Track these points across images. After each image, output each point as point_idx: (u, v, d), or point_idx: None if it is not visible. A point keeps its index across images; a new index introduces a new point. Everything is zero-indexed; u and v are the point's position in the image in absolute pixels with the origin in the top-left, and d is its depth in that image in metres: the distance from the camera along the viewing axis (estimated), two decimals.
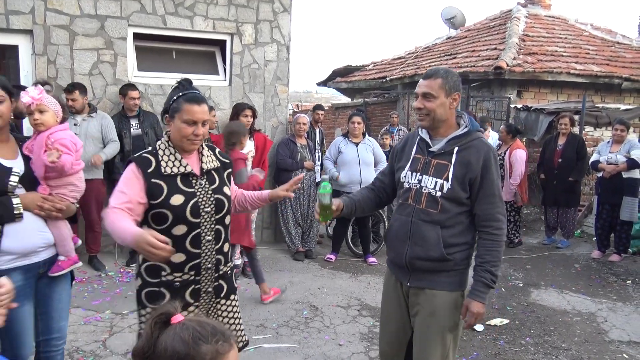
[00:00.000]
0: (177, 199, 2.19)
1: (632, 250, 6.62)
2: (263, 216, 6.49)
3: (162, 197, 2.17)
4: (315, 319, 4.42)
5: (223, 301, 2.40)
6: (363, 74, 14.34)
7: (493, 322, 4.49)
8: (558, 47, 10.37)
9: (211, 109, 5.45)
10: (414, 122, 11.39)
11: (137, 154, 2.26)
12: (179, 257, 2.21)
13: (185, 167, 2.25)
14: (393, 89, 13.03)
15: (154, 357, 1.26)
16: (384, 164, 5.98)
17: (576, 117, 7.60)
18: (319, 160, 6.74)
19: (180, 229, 2.20)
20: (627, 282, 5.69)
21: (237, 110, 5.41)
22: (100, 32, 5.60)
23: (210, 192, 2.29)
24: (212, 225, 2.27)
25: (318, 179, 6.89)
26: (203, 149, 2.35)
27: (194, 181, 2.27)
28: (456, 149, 2.41)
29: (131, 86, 5.48)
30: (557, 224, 7.04)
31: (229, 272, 2.42)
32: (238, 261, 5.45)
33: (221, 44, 6.35)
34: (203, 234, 2.24)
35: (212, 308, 2.37)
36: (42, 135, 2.40)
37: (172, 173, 2.22)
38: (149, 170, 2.19)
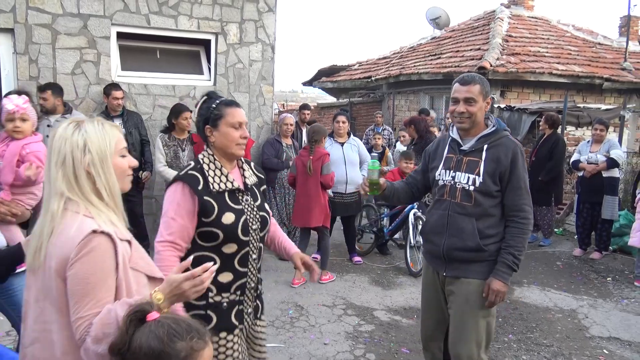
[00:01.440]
0: (228, 218, 2.09)
1: (613, 247, 6.74)
2: None
3: (214, 216, 2.07)
4: (301, 319, 4.43)
5: (258, 322, 2.34)
6: (348, 73, 14.38)
7: None
8: (540, 48, 10.49)
9: (188, 110, 5.42)
10: (398, 121, 11.46)
11: (183, 172, 2.13)
12: (226, 277, 2.12)
13: (232, 182, 2.16)
14: (378, 89, 13.09)
15: (128, 354, 1.27)
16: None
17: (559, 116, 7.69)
18: None
19: (230, 248, 2.12)
20: (608, 279, 5.79)
21: None
22: (83, 31, 5.55)
23: (255, 208, 2.22)
24: (257, 243, 2.21)
25: None
26: (243, 163, 2.29)
27: (240, 197, 2.18)
28: (486, 146, 2.62)
29: (115, 86, 5.44)
30: (537, 223, 7.13)
31: (262, 291, 2.38)
32: None
33: (206, 44, 6.33)
34: (250, 252, 2.17)
35: (251, 330, 2.29)
36: (17, 143, 2.42)
37: (221, 190, 2.12)
38: (200, 188, 2.08)
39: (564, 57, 10.30)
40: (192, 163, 2.19)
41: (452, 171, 2.68)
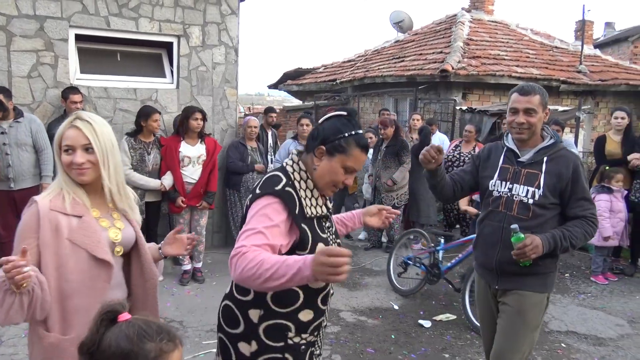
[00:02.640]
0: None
1: None
2: (213, 220, 6.43)
3: (309, 247, 1.79)
4: None
5: None
6: (314, 76, 14.43)
7: (440, 317, 4.63)
8: (500, 51, 10.75)
9: (157, 112, 5.37)
10: (364, 123, 11.55)
11: (279, 187, 1.79)
12: (307, 315, 1.87)
13: (321, 207, 1.89)
14: (343, 92, 13.17)
15: (97, 353, 1.27)
16: None
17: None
18: (271, 164, 6.74)
19: (318, 283, 1.83)
20: (566, 275, 5.97)
21: (187, 113, 5.35)
22: (39, 33, 5.41)
23: (334, 236, 1.98)
24: None
25: None
26: None
27: (324, 224, 1.92)
28: (545, 158, 2.56)
29: (73, 89, 5.31)
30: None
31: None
32: (187, 266, 5.39)
33: (168, 46, 6.26)
34: (331, 288, 1.96)
35: None
36: None
37: (313, 215, 1.85)
38: (297, 212, 1.78)
39: (523, 60, 10.58)
40: (279, 174, 1.84)
41: (508, 183, 2.62)
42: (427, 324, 4.48)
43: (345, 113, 1.89)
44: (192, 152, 5.31)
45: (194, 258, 5.47)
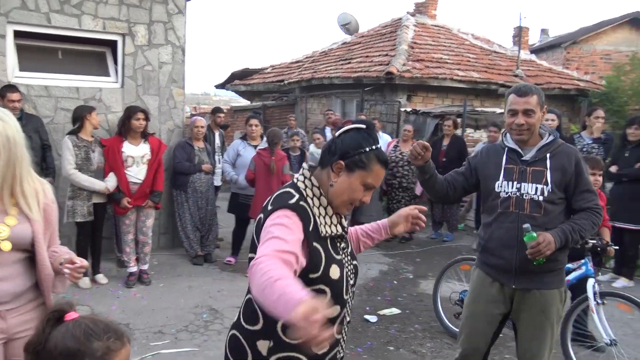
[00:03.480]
0: (334, 271, 1.67)
1: None
2: (160, 221, 6.35)
3: (322, 269, 1.65)
4: (216, 322, 4.44)
5: None
6: (262, 76, 14.44)
7: (385, 312, 4.78)
8: (443, 55, 11.12)
9: (93, 109, 5.25)
10: (311, 124, 11.67)
11: (293, 202, 1.65)
12: (322, 347, 1.68)
13: (336, 225, 1.74)
14: (291, 92, 13.25)
15: (44, 353, 1.28)
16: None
17: (459, 120, 8.22)
18: (219, 164, 6.72)
19: (333, 311, 1.69)
20: None
21: (129, 113, 5.27)
22: None
23: (349, 257, 1.81)
24: (351, 302, 1.81)
25: (218, 183, 6.88)
26: None
27: (338, 244, 1.77)
28: (548, 155, 2.61)
29: (11, 87, 5.13)
30: (442, 219, 7.59)
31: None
32: (133, 268, 5.32)
33: (112, 45, 6.14)
34: (346, 315, 1.78)
35: None
36: None
37: (328, 234, 1.70)
38: (310, 229, 1.64)
39: (464, 64, 10.99)
40: (290, 190, 1.71)
41: (516, 182, 2.63)
42: (372, 319, 4.62)
43: (364, 126, 1.75)
44: (136, 152, 5.25)
45: (139, 260, 5.40)
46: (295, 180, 1.77)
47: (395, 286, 5.49)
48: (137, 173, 5.25)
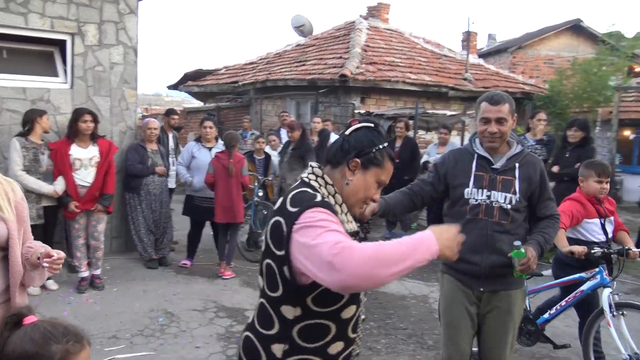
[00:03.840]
0: None
1: None
2: (112, 225, 6.22)
3: None
4: (172, 325, 4.41)
5: None
6: (215, 77, 14.32)
7: None
8: (395, 58, 11.36)
9: (44, 113, 5.14)
10: (266, 126, 11.68)
11: (320, 199, 1.62)
12: (337, 347, 1.70)
13: (352, 222, 1.75)
14: (246, 94, 13.21)
15: (2, 357, 1.27)
16: None
17: (411, 121, 8.43)
18: (173, 166, 6.65)
19: (350, 311, 1.69)
20: None
21: (76, 115, 5.16)
22: None
23: None
24: (365, 299, 1.84)
25: (172, 185, 6.80)
26: None
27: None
28: (517, 164, 2.69)
29: None
30: (395, 219, 7.76)
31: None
32: (85, 273, 5.20)
33: (61, 44, 5.98)
34: (361, 313, 1.79)
35: None
36: None
37: (349, 231, 1.67)
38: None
39: (416, 67, 11.26)
40: (307, 189, 1.67)
41: (485, 190, 2.69)
42: None
43: (373, 125, 1.78)
44: (84, 154, 5.14)
45: (91, 265, 5.29)
46: (306, 179, 1.72)
47: None
48: (85, 176, 5.15)
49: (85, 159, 5.13)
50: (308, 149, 6.74)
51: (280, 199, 1.70)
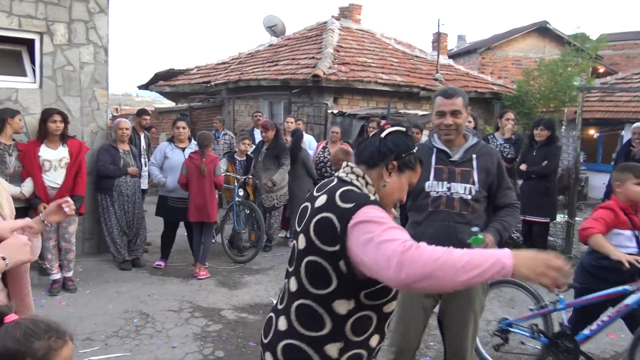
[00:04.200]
0: None
1: None
2: (84, 227, 6.14)
3: None
4: (147, 326, 4.38)
5: None
6: (187, 77, 14.21)
7: None
8: (367, 59, 11.47)
9: (17, 113, 5.06)
10: (239, 126, 11.65)
11: (373, 197, 1.70)
12: (375, 340, 1.75)
13: None
14: (218, 94, 13.15)
15: None
16: None
17: (383, 121, 8.54)
18: (145, 167, 6.60)
19: (391, 306, 1.75)
20: None
21: (45, 115, 5.08)
22: None
23: None
24: None
25: (145, 186, 6.74)
26: None
27: None
28: (474, 156, 2.78)
29: None
30: None
31: None
32: (56, 276, 5.13)
33: (29, 44, 5.87)
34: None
35: None
36: None
37: None
38: None
39: (387, 67, 11.39)
40: (352, 188, 1.70)
41: (446, 182, 2.76)
42: None
43: (405, 129, 1.84)
44: (53, 155, 5.08)
45: (63, 267, 5.21)
46: (346, 179, 1.74)
47: None
48: (55, 177, 5.08)
49: (54, 160, 5.06)
50: (282, 149, 6.78)
51: (322, 197, 1.70)
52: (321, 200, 1.70)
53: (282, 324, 1.74)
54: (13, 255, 1.73)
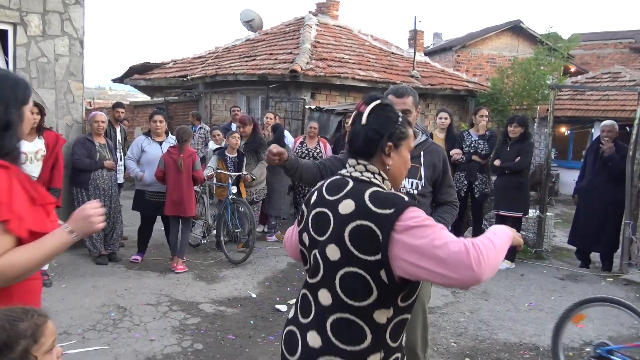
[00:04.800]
0: None
1: None
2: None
3: None
4: (125, 319, 4.37)
5: None
6: (163, 71, 14.05)
7: (294, 301, 4.95)
8: (344, 55, 11.52)
9: None
10: (216, 120, 11.60)
11: (407, 198, 1.61)
12: (404, 337, 1.75)
13: None
14: (195, 88, 13.05)
15: None
16: None
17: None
18: (121, 160, 6.54)
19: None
20: None
21: None
22: None
23: None
24: None
25: (120, 180, 6.68)
26: None
27: None
28: (422, 153, 2.89)
29: None
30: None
31: None
32: None
33: (2, 34, 5.76)
34: None
35: None
36: None
37: None
38: None
39: (364, 64, 11.46)
40: (377, 188, 1.64)
41: None
42: (283, 308, 4.79)
43: (378, 100, 1.72)
44: (29, 147, 5.00)
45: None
46: (364, 178, 1.67)
47: (304, 277, 5.68)
48: (31, 170, 5.00)
49: (30, 153, 4.99)
50: (261, 144, 6.79)
51: (348, 203, 1.61)
52: (347, 205, 1.61)
53: (315, 340, 1.63)
54: (80, 228, 1.81)
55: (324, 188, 1.74)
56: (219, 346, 3.99)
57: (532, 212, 7.02)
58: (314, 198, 1.76)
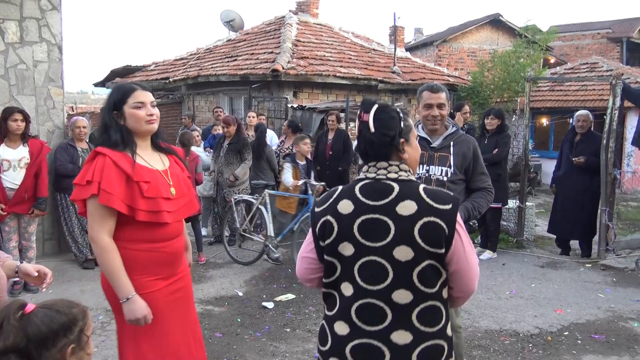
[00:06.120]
0: None
1: None
2: (44, 227, 6.07)
3: None
4: (112, 322, 4.40)
5: None
6: (145, 74, 14.02)
7: (281, 298, 5.04)
8: (326, 52, 11.59)
9: None
10: (199, 122, 11.61)
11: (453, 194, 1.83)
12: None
13: None
14: (177, 90, 13.04)
15: (30, 345, 1.37)
16: None
17: (342, 114, 8.69)
18: None
19: None
20: None
21: (5, 114, 5.01)
22: None
23: None
24: None
25: None
26: None
27: None
28: (452, 143, 3.09)
29: None
30: None
31: None
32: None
33: None
34: None
35: None
36: None
37: None
38: None
39: (346, 61, 11.54)
40: (424, 186, 1.78)
41: (425, 165, 3.09)
42: (269, 305, 4.86)
43: (377, 105, 1.79)
44: (13, 155, 5.01)
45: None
46: (404, 177, 1.77)
47: (290, 274, 5.75)
48: (14, 178, 5.02)
49: (14, 160, 5.00)
50: (245, 144, 6.84)
51: (408, 204, 1.70)
52: (408, 206, 1.70)
53: (403, 338, 1.69)
54: (131, 312, 2.21)
55: (358, 195, 1.76)
56: (206, 344, 4.02)
57: (513, 203, 7.15)
58: (348, 207, 1.76)
